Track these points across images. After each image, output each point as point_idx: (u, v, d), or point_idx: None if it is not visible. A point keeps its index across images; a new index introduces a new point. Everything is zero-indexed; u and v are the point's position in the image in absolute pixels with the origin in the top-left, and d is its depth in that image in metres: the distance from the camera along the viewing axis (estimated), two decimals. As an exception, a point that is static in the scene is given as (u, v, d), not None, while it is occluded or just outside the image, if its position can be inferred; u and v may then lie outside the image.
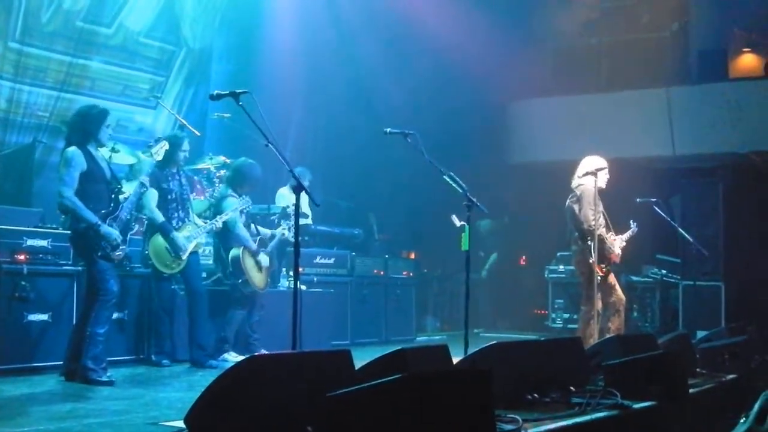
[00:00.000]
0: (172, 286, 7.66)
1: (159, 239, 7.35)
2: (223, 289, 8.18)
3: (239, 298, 7.98)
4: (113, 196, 6.37)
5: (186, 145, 7.67)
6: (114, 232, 6.22)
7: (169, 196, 7.50)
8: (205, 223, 7.76)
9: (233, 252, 7.92)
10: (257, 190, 8.61)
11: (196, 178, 9.23)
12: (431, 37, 12.32)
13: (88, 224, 6.13)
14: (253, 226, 8.37)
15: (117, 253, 6.35)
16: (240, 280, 7.90)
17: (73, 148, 6.21)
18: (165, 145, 6.98)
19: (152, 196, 7.37)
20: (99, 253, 6.20)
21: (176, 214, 7.52)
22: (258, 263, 8.01)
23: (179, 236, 7.38)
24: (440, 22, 12.23)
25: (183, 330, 7.66)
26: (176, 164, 7.61)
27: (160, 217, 7.36)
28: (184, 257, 7.40)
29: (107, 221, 6.22)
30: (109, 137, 6.56)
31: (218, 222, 7.74)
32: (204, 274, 8.10)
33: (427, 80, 12.75)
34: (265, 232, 8.46)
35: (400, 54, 12.75)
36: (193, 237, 7.50)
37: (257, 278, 7.99)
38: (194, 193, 8.10)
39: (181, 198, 7.60)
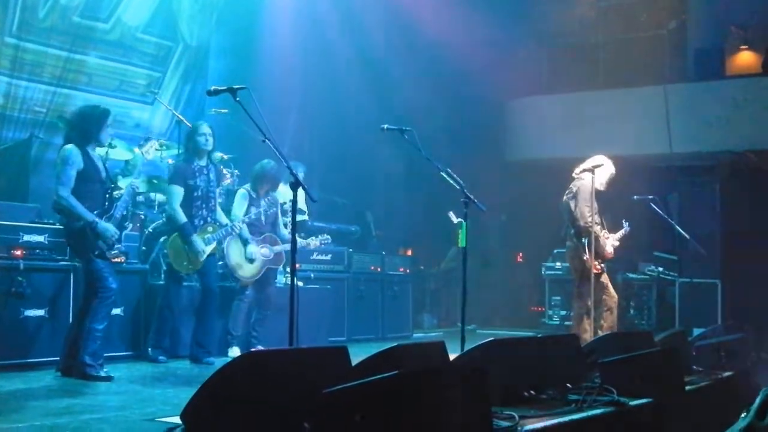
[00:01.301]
0: (185, 283, 7.64)
1: (178, 240, 7.29)
2: (222, 285, 8.18)
3: (240, 290, 8.03)
4: (107, 195, 6.35)
5: (204, 128, 7.41)
6: (111, 228, 6.21)
7: (195, 193, 7.34)
8: (232, 224, 7.71)
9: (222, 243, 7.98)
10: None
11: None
12: (430, 35, 12.33)
13: (85, 222, 6.12)
14: (283, 229, 8.37)
15: (113, 252, 6.35)
16: (221, 262, 7.93)
17: (71, 146, 6.18)
18: (155, 144, 6.91)
19: (177, 193, 7.29)
20: (96, 252, 6.19)
21: (200, 213, 7.38)
22: (246, 252, 7.99)
23: (198, 240, 7.29)
24: (439, 20, 12.23)
25: (184, 327, 7.65)
26: (202, 153, 7.41)
27: (182, 218, 7.25)
28: (201, 259, 7.34)
29: (103, 219, 6.21)
30: (108, 137, 6.56)
31: (237, 227, 7.71)
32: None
33: (425, 77, 12.75)
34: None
35: (398, 51, 12.75)
36: (212, 239, 7.43)
37: (244, 269, 7.96)
38: (219, 188, 7.97)
39: (207, 195, 7.43)
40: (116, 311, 7.32)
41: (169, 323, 7.53)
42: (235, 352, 7.77)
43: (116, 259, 6.63)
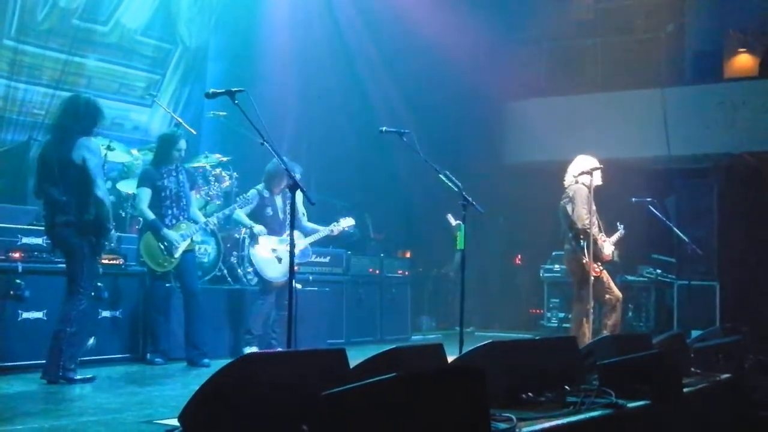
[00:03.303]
0: (167, 285, 7.64)
1: (150, 237, 7.35)
2: (221, 288, 8.18)
3: (261, 290, 8.02)
4: None
5: (182, 144, 7.54)
6: (115, 236, 6.27)
7: (163, 194, 7.44)
8: (206, 220, 7.75)
9: (248, 250, 8.02)
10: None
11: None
12: (427, 37, 12.33)
13: (107, 222, 6.08)
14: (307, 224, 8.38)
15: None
16: (251, 269, 7.93)
17: (88, 139, 6.08)
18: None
19: (144, 196, 7.39)
20: (97, 249, 6.16)
21: (170, 212, 7.45)
22: (274, 252, 8.01)
23: (170, 234, 7.36)
24: (436, 22, 12.24)
25: (179, 329, 7.64)
26: (172, 162, 7.55)
27: (149, 215, 7.36)
28: (177, 255, 7.38)
29: None
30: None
31: (211, 222, 7.75)
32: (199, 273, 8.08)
33: (423, 80, 12.75)
34: (315, 227, 8.41)
35: (396, 53, 12.76)
36: (187, 235, 7.48)
37: (272, 269, 7.94)
38: (194, 191, 8.04)
39: (177, 195, 7.52)
40: (114, 313, 7.35)
41: (161, 324, 7.54)
42: (251, 350, 7.74)
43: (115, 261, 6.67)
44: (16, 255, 6.77)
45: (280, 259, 8.01)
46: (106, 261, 7.07)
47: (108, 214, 6.08)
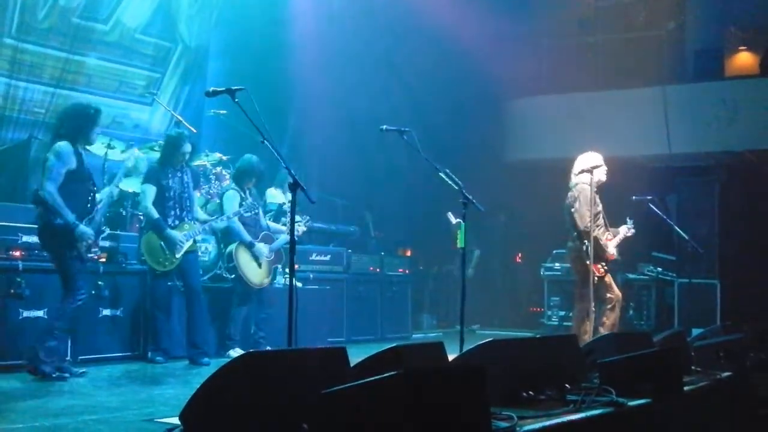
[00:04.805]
0: (169, 283, 7.64)
1: (152, 236, 7.35)
2: (222, 286, 8.19)
3: (239, 295, 8.01)
4: (90, 197, 6.32)
5: (186, 147, 7.53)
6: (89, 231, 6.20)
7: (167, 194, 7.44)
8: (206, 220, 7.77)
9: (230, 247, 7.98)
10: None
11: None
12: (428, 35, 12.32)
13: (66, 222, 6.09)
14: (265, 221, 8.43)
15: (90, 254, 6.37)
16: (233, 276, 7.96)
17: (65, 144, 6.15)
18: (135, 152, 6.98)
19: (149, 192, 7.38)
20: (74, 253, 6.17)
21: (173, 212, 7.45)
22: (255, 258, 8.01)
23: (174, 234, 7.36)
24: (437, 20, 12.23)
25: (180, 327, 7.65)
26: (175, 164, 7.53)
27: (154, 214, 7.35)
28: (178, 255, 7.37)
29: (83, 221, 6.18)
30: (97, 136, 6.57)
31: (216, 222, 7.76)
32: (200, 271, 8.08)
33: (424, 78, 12.74)
34: (279, 228, 8.48)
35: (397, 51, 12.75)
36: (190, 236, 7.47)
37: (253, 273, 7.98)
38: (196, 190, 8.05)
39: (181, 196, 7.51)
40: (115, 312, 7.35)
41: (163, 323, 7.54)
42: (236, 352, 7.76)
43: (101, 258, 6.68)
44: (17, 253, 6.77)
45: (260, 264, 8.04)
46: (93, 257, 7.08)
47: (56, 211, 6.05)
